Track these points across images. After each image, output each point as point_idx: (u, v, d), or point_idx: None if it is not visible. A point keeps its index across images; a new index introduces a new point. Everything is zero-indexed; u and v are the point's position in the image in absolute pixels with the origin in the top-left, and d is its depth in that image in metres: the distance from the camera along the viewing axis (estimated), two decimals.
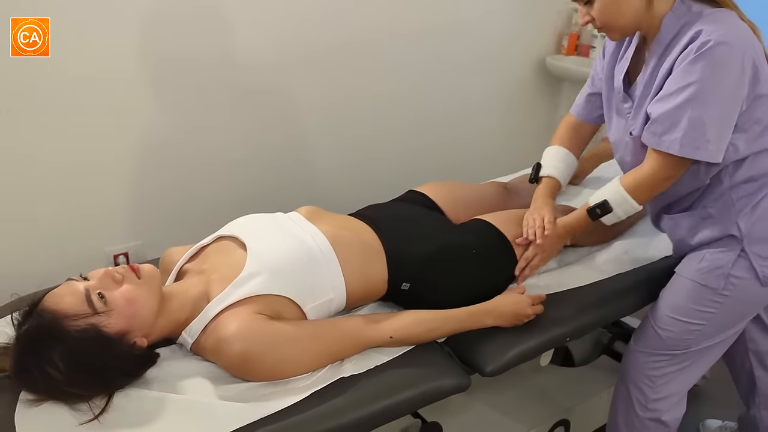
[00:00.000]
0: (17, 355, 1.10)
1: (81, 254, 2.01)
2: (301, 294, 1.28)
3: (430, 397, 1.26)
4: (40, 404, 1.10)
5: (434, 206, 1.66)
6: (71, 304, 1.11)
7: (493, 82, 2.88)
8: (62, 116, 1.87)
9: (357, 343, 1.28)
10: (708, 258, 1.43)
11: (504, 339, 1.39)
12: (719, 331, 1.48)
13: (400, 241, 1.46)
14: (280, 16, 2.16)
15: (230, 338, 1.17)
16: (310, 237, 1.36)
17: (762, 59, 1.28)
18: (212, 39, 2.07)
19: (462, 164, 2.82)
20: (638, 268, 1.65)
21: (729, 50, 1.22)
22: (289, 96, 2.30)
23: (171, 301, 1.24)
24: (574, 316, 1.47)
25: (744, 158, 1.36)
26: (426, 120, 2.71)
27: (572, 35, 3.01)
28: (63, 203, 1.96)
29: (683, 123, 1.27)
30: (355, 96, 2.46)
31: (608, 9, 1.31)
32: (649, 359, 1.54)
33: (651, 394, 1.54)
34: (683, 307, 1.46)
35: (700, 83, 1.24)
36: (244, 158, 2.27)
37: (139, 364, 1.17)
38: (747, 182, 1.37)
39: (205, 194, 2.22)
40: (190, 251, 1.39)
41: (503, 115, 3.00)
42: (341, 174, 2.52)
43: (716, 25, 1.25)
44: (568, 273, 1.61)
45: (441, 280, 1.45)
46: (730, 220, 1.39)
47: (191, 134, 2.13)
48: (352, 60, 2.40)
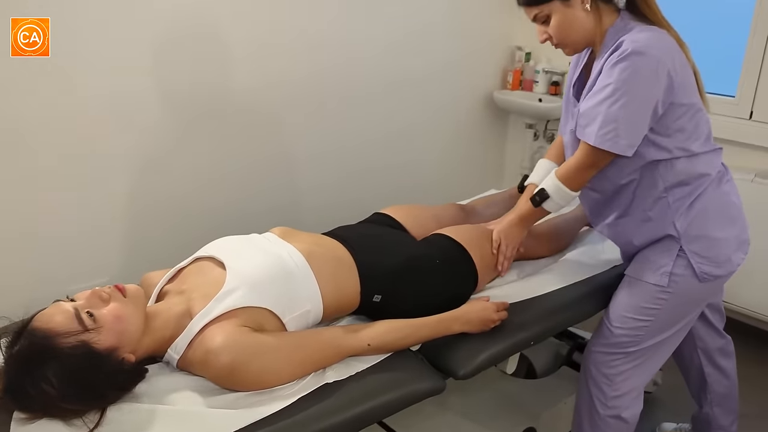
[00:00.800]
0: (11, 374, 1.13)
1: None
2: (280, 305, 1.34)
3: (408, 400, 1.32)
4: (35, 422, 1.12)
5: (398, 225, 1.76)
6: (61, 322, 1.15)
7: (447, 116, 3.06)
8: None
9: (337, 352, 1.34)
10: (651, 259, 1.57)
11: (473, 345, 1.47)
12: (667, 326, 1.60)
13: (370, 256, 1.54)
14: (264, 49, 2.29)
15: (217, 350, 1.22)
16: (286, 253, 1.43)
17: (679, 71, 1.43)
18: (197, 69, 2.15)
19: (420, 188, 2.96)
20: (592, 276, 1.78)
21: (643, 58, 1.38)
22: (260, 128, 2.39)
23: (155, 320, 1.28)
24: (536, 321, 1.58)
25: (675, 161, 1.50)
26: (388, 151, 2.85)
27: (516, 71, 3.21)
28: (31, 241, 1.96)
29: (600, 118, 1.43)
30: (330, 133, 2.60)
31: (563, 27, 1.48)
32: (606, 358, 1.64)
33: (610, 391, 1.64)
34: (632, 305, 1.59)
35: (615, 84, 1.40)
36: (214, 184, 2.33)
37: (129, 379, 1.21)
38: (680, 185, 1.51)
39: (170, 225, 2.25)
40: (169, 273, 1.44)
41: (457, 145, 3.17)
42: (314, 197, 2.62)
43: (640, 36, 1.41)
44: (528, 283, 1.72)
45: (410, 291, 1.54)
46: (668, 220, 1.53)
47: (162, 160, 2.18)
48: (329, 95, 2.54)
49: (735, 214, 1.57)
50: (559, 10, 1.46)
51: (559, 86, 3.11)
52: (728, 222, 1.55)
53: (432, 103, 2.96)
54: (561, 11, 1.46)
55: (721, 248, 1.53)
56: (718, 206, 1.54)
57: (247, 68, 2.28)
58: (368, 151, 2.76)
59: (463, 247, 1.66)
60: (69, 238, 2.01)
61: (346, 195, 2.68)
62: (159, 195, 2.19)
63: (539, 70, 3.14)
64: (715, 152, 1.55)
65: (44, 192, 1.93)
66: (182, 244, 1.65)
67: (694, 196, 1.51)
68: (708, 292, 1.60)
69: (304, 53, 2.42)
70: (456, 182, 3.04)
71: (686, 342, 1.84)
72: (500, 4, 2.98)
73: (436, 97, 2.97)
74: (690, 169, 1.51)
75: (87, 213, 2.03)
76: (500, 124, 3.34)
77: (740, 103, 2.52)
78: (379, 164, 2.81)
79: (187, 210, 2.26)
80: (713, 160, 1.54)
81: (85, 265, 2.06)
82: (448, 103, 3.04)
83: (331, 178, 2.65)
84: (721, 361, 1.88)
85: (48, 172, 1.92)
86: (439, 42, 2.88)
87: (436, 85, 2.95)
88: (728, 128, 2.50)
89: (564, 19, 1.47)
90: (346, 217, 1.84)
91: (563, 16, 1.47)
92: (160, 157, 2.15)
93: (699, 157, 1.51)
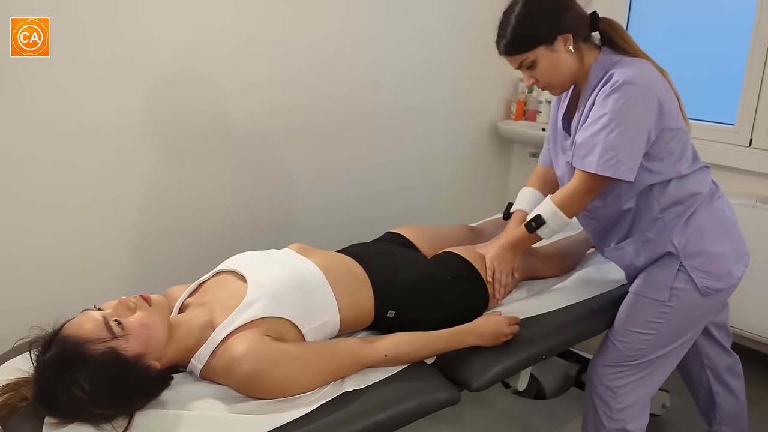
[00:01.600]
0: (43, 380, 1.17)
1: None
2: (299, 316, 1.38)
3: (426, 409, 1.35)
4: (66, 426, 1.15)
5: (410, 244, 1.81)
6: (91, 330, 1.19)
7: (453, 145, 3.15)
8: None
9: (355, 361, 1.38)
10: (653, 275, 1.62)
11: (486, 358, 1.51)
12: (669, 339, 1.64)
13: (384, 273, 1.59)
14: (265, 80, 2.37)
15: (240, 357, 1.26)
16: (304, 267, 1.48)
17: (667, 99, 1.51)
18: (195, 100, 2.21)
19: (428, 213, 3.03)
20: (599, 295, 1.81)
21: (635, 88, 1.45)
22: (269, 158, 2.47)
23: (178, 330, 1.33)
24: (547, 336, 1.61)
25: (667, 183, 1.56)
26: (396, 177, 2.94)
27: (519, 102, 3.30)
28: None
29: (599, 146, 1.48)
30: (340, 161, 2.69)
31: (549, 70, 1.55)
32: (609, 371, 1.67)
33: (614, 404, 1.67)
34: (635, 319, 1.63)
35: (610, 114, 1.47)
36: (225, 209, 2.39)
37: (155, 385, 1.24)
38: (675, 205, 1.57)
39: (177, 249, 2.30)
40: (191, 287, 1.49)
41: (463, 173, 3.25)
42: (327, 217, 2.68)
43: (627, 68, 1.49)
44: (537, 300, 1.76)
45: (423, 307, 1.59)
46: (666, 239, 1.59)
47: (168, 192, 2.22)
48: (336, 125, 2.63)
49: (730, 228, 1.62)
50: (544, 54, 1.52)
51: None
52: (724, 236, 1.60)
53: (438, 133, 3.05)
54: (546, 56, 1.53)
55: (720, 262, 1.58)
56: (713, 222, 1.59)
57: (261, 96, 2.36)
58: (379, 175, 2.85)
59: (472, 265, 1.71)
60: (77, 267, 2.05)
61: (358, 215, 2.75)
62: (165, 223, 2.24)
63: (542, 100, 3.23)
64: (703, 171, 1.63)
65: (43, 223, 1.96)
66: (190, 266, 1.68)
67: (689, 213, 1.57)
68: (711, 306, 1.64)
69: (324, 87, 2.54)
70: (462, 209, 3.11)
71: (694, 361, 1.88)
72: None
73: (443, 128, 3.06)
74: (682, 190, 1.57)
75: (94, 243, 2.07)
76: (504, 152, 3.42)
77: (740, 131, 2.59)
78: (388, 188, 2.89)
79: (194, 234, 2.31)
80: (702, 178, 1.61)
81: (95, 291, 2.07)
82: (454, 133, 3.13)
83: (342, 200, 2.73)
84: (729, 380, 1.91)
85: (50, 205, 1.97)
86: (445, 75, 2.98)
87: (442, 116, 3.04)
88: (729, 155, 2.57)
89: (549, 62, 1.54)
90: (358, 236, 1.89)
91: (548, 60, 1.53)
92: (166, 187, 2.20)
93: (689, 177, 1.58)
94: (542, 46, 1.52)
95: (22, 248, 1.95)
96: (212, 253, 1.70)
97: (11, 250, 1.93)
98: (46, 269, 2.00)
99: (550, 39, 1.51)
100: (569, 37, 1.52)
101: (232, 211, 2.39)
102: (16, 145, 1.86)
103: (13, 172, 1.88)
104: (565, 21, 1.52)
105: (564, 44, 1.52)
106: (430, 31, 2.86)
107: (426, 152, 3.02)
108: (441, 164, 3.11)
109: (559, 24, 1.51)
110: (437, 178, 3.11)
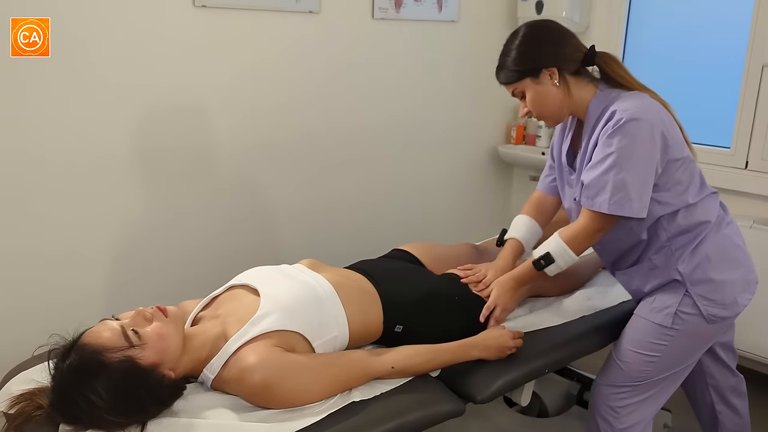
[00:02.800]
0: (62, 386, 1.21)
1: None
2: (310, 330, 1.42)
3: (431, 420, 1.38)
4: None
5: (417, 261, 1.85)
6: (109, 338, 1.24)
7: (454, 169, 3.20)
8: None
9: (363, 373, 1.41)
10: (658, 299, 1.64)
11: (490, 371, 1.54)
12: (673, 363, 1.65)
13: (393, 288, 1.63)
14: (270, 105, 2.42)
15: (251, 367, 1.29)
16: (315, 282, 1.52)
17: (670, 130, 1.54)
18: (189, 129, 2.24)
19: (432, 234, 3.05)
20: (601, 311, 1.85)
21: (638, 124, 1.48)
22: (260, 187, 2.51)
23: (192, 341, 1.37)
24: (550, 350, 1.64)
25: (675, 214, 1.58)
26: (403, 201, 3.00)
27: (519, 126, 3.36)
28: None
29: (609, 186, 1.50)
30: (343, 187, 2.75)
31: (537, 101, 1.60)
32: (612, 391, 1.68)
33: (617, 424, 1.67)
34: (640, 341, 1.64)
35: (617, 153, 1.49)
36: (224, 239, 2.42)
37: (169, 393, 1.28)
38: (682, 234, 1.59)
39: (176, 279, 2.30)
40: (204, 300, 1.53)
41: (466, 195, 3.30)
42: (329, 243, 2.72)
43: (628, 103, 1.52)
44: (540, 316, 1.79)
45: (431, 322, 1.62)
46: (672, 267, 1.60)
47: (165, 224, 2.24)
48: (335, 149, 2.68)
49: (738, 255, 1.63)
50: (531, 87, 1.58)
51: None
52: (732, 264, 1.61)
53: (441, 158, 3.12)
54: (533, 88, 1.58)
55: (726, 291, 1.58)
56: (721, 250, 1.60)
57: (264, 122, 2.43)
58: (381, 200, 2.91)
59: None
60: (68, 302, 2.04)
61: (361, 240, 2.79)
62: (174, 246, 2.26)
63: (541, 125, 3.29)
64: (711, 197, 1.64)
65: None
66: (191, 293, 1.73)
67: (696, 242, 1.58)
68: (715, 332, 1.65)
69: (332, 119, 2.62)
70: (464, 231, 3.16)
71: (698, 380, 1.88)
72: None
73: (445, 152, 3.13)
74: (689, 219, 1.59)
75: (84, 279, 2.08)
76: (505, 176, 3.48)
77: (736, 154, 2.64)
78: (391, 212, 2.94)
79: (193, 264, 2.33)
80: (710, 206, 1.62)
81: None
82: (456, 157, 3.20)
83: (345, 225, 2.78)
84: (733, 400, 1.91)
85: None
86: (447, 101, 3.06)
87: (444, 141, 3.11)
88: (725, 178, 2.61)
89: (536, 94, 1.58)
90: (365, 253, 1.94)
91: (535, 92, 1.58)
92: (163, 216, 2.23)
93: (696, 206, 1.59)
94: (528, 78, 1.57)
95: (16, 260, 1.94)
96: (218, 277, 1.73)
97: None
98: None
99: (535, 72, 1.56)
100: (554, 72, 1.56)
101: (240, 235, 2.44)
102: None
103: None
104: (552, 55, 1.56)
105: (550, 78, 1.56)
106: (431, 59, 2.94)
107: (428, 176, 3.08)
108: (443, 188, 3.17)
109: (545, 58, 1.56)
110: (440, 201, 3.17)
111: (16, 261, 1.92)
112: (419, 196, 3.05)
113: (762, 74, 2.51)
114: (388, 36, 2.73)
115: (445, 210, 3.20)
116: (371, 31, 2.67)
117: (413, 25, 2.80)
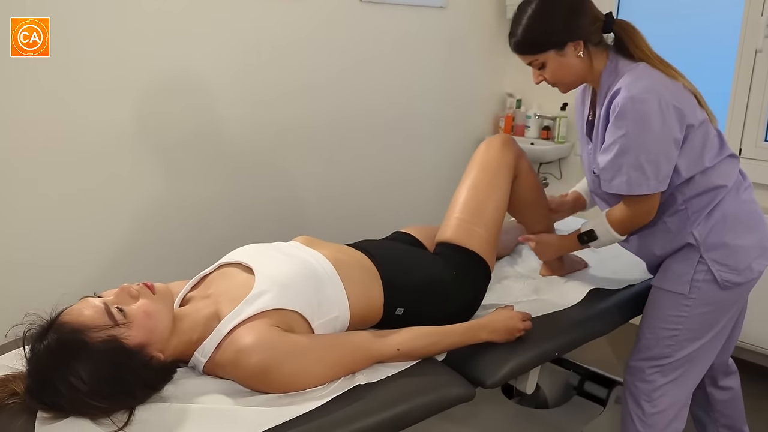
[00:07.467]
0: (39, 369, 1.09)
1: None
2: (309, 309, 1.31)
3: (440, 405, 1.29)
4: (60, 421, 1.07)
5: (419, 243, 1.76)
6: (92, 316, 1.12)
7: (444, 160, 3.14)
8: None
9: (367, 355, 1.31)
10: (673, 268, 1.60)
11: (500, 354, 1.45)
12: (696, 335, 1.60)
13: (393, 269, 1.53)
14: (263, 91, 2.37)
15: (248, 348, 1.19)
16: (313, 259, 1.42)
17: (681, 98, 1.48)
18: (196, 112, 2.21)
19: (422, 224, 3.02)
20: (609, 293, 1.78)
21: (645, 103, 1.44)
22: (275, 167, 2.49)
23: (182, 322, 1.25)
24: (560, 333, 1.57)
25: (691, 178, 1.54)
26: (390, 191, 2.96)
27: (507, 117, 3.30)
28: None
29: (624, 168, 1.48)
30: (331, 175, 2.70)
31: (558, 72, 1.55)
32: (642, 366, 1.65)
33: (648, 408, 1.64)
34: (660, 314, 1.61)
35: (627, 135, 1.46)
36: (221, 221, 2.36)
37: (158, 377, 1.16)
38: (698, 197, 1.55)
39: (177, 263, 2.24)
40: (193, 280, 1.42)
41: (454, 186, 3.20)
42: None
43: (634, 81, 1.46)
44: (547, 300, 1.71)
45: (432, 305, 1.53)
46: (687, 230, 1.57)
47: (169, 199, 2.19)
48: (337, 137, 2.66)
49: (755, 221, 1.59)
50: (554, 58, 1.52)
51: (549, 131, 3.20)
52: (748, 230, 1.57)
53: (428, 148, 3.06)
54: (555, 60, 1.53)
55: (741, 256, 1.55)
56: (737, 214, 1.56)
57: (267, 109, 2.40)
58: (370, 190, 2.87)
59: (465, 248, 1.63)
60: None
61: (349, 232, 2.70)
62: (166, 219, 2.21)
63: (530, 115, 3.23)
64: (729, 161, 1.59)
65: (41, 222, 1.92)
66: (191, 264, 1.65)
67: (712, 205, 1.55)
68: (732, 300, 1.60)
69: (326, 108, 2.59)
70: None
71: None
72: (491, 54, 3.11)
73: (433, 142, 3.07)
74: (706, 183, 1.55)
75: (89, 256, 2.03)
76: None
77: (729, 141, 2.59)
78: (378, 203, 2.90)
79: (193, 247, 2.27)
80: (728, 170, 1.57)
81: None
82: (444, 148, 3.14)
83: (331, 219, 2.72)
84: (725, 381, 1.87)
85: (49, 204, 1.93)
86: (435, 91, 3.01)
87: (432, 131, 3.05)
88: None
89: (558, 66, 1.54)
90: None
91: (558, 63, 1.53)
92: (164, 197, 2.19)
93: (713, 169, 1.55)
94: (552, 50, 1.51)
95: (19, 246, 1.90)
96: (212, 251, 1.63)
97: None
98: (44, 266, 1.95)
99: (561, 45, 1.51)
100: (580, 44, 1.51)
101: (236, 210, 2.39)
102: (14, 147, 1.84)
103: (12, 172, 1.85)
104: (577, 27, 1.50)
105: (574, 50, 1.51)
106: (420, 49, 2.89)
107: (416, 167, 3.03)
108: (431, 178, 3.11)
109: (571, 30, 1.50)
110: (427, 191, 3.10)
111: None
112: (406, 186, 3.01)
113: (755, 59, 2.49)
114: (374, 25, 2.68)
115: (434, 201, 3.10)
116: (359, 14, 2.61)
117: (401, 10, 2.75)
